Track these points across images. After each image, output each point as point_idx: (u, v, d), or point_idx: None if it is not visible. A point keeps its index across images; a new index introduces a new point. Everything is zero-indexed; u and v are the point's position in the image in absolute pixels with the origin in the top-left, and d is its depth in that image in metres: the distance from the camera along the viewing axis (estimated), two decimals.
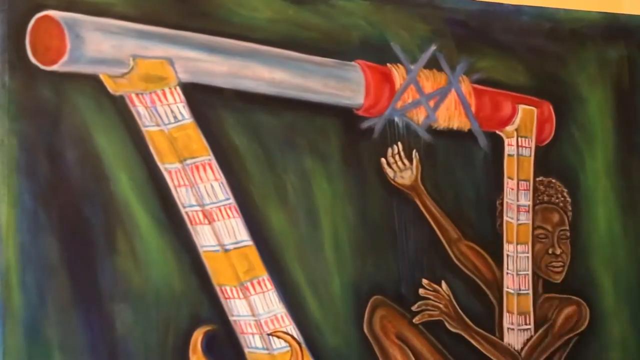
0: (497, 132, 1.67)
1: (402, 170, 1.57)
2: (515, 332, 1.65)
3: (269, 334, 1.41)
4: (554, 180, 1.71)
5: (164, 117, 1.36)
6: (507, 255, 1.66)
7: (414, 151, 1.58)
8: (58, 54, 1.32)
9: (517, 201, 1.66)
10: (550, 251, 1.69)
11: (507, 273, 1.66)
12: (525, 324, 1.66)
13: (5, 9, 1.31)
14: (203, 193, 1.39)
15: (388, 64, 1.57)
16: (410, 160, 1.58)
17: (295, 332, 1.44)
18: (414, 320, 1.56)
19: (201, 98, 1.41)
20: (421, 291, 1.56)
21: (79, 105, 1.34)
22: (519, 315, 1.66)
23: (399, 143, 1.57)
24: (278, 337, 1.42)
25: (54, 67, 1.32)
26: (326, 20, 1.52)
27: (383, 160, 1.55)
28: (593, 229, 1.74)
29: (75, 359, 1.31)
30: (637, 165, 1.78)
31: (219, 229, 1.39)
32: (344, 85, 1.52)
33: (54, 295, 1.31)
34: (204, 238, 1.39)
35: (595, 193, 1.75)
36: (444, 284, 1.59)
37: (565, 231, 1.71)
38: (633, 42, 1.77)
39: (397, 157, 1.56)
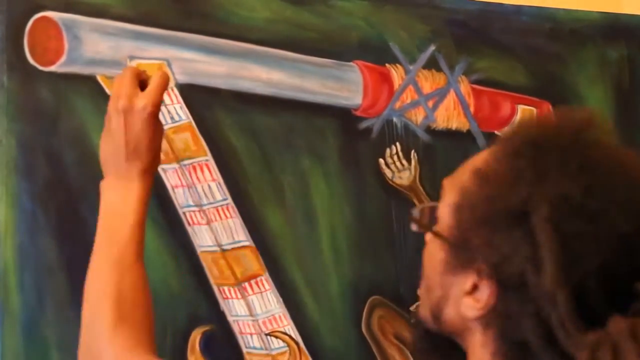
0: (497, 132, 1.66)
1: (401, 170, 1.56)
2: None
3: (266, 334, 1.42)
4: None
5: (161, 117, 1.36)
6: None
7: (413, 152, 1.58)
8: (56, 55, 1.33)
9: None
10: None
11: None
12: None
13: (4, 10, 1.32)
14: (200, 193, 1.39)
15: (387, 65, 1.56)
16: (409, 161, 1.57)
17: (293, 332, 1.44)
18: (412, 321, 1.55)
19: (199, 99, 1.41)
20: (419, 291, 1.56)
21: (76, 106, 1.35)
22: None
23: (398, 143, 1.56)
24: (276, 337, 1.42)
25: (52, 68, 1.33)
26: (324, 21, 1.52)
27: (381, 160, 1.55)
28: None
29: (73, 358, 1.30)
30: None
31: (217, 230, 1.40)
32: (342, 85, 1.51)
33: (52, 295, 1.31)
34: (202, 238, 1.39)
35: None
36: None
37: None
38: (633, 42, 1.76)
39: (395, 157, 1.56)
